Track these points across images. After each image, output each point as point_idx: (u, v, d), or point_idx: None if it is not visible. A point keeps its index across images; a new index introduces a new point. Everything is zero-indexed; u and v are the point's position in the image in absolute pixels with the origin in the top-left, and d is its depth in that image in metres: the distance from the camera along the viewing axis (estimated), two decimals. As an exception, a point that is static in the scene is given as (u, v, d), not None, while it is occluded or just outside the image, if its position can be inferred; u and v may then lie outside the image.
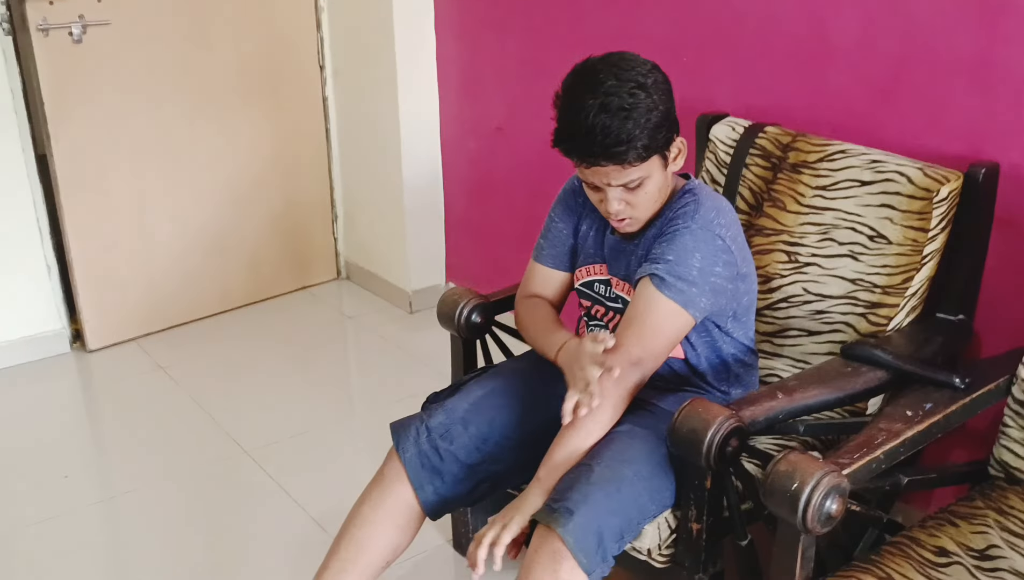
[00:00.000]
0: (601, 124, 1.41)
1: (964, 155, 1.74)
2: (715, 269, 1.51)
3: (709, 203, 1.54)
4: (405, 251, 3.20)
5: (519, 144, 2.82)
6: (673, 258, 1.49)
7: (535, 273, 1.75)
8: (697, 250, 1.50)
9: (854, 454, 1.28)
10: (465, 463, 1.59)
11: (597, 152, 1.43)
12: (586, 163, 1.47)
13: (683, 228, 1.51)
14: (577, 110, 1.43)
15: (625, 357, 1.48)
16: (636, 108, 1.42)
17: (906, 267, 1.68)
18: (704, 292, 1.50)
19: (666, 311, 1.49)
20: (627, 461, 1.43)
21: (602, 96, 1.42)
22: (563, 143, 1.48)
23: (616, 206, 1.51)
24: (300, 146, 3.31)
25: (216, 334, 3.12)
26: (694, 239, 1.50)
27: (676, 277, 1.49)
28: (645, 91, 1.44)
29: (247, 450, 2.43)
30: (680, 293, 1.48)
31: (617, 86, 1.43)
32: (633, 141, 1.42)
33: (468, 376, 1.73)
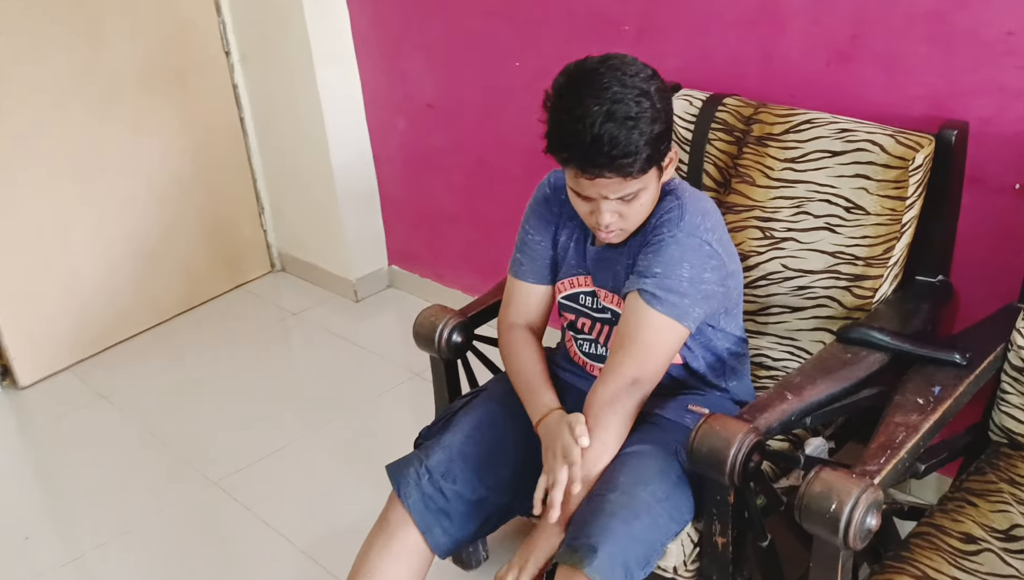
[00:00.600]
0: (608, 133, 1.32)
1: (930, 115, 1.72)
2: (704, 276, 1.46)
3: (693, 206, 1.48)
4: (343, 238, 3.07)
5: (452, 120, 2.70)
6: (661, 270, 1.44)
7: (517, 291, 1.67)
8: (685, 259, 1.44)
9: (880, 458, 1.27)
10: (471, 500, 1.53)
11: (603, 163, 1.35)
12: (589, 174, 1.38)
13: (668, 237, 1.45)
14: (580, 116, 1.33)
15: (622, 379, 1.44)
16: (642, 118, 1.34)
17: (886, 237, 1.66)
18: (696, 301, 1.45)
19: (660, 326, 1.44)
20: (642, 483, 1.39)
21: (608, 103, 1.33)
22: (563, 151, 1.38)
23: (608, 218, 1.44)
24: (215, 138, 3.11)
25: (155, 350, 2.96)
26: (680, 248, 1.44)
27: (667, 290, 1.43)
28: (649, 100, 1.36)
29: (215, 481, 2.32)
30: (672, 306, 1.43)
31: (623, 93, 1.34)
32: (639, 153, 1.35)
33: (458, 403, 1.66)
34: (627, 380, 1.44)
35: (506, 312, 1.68)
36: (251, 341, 2.98)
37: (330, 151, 2.93)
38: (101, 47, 2.76)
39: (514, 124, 2.52)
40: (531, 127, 2.48)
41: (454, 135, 2.71)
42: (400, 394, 2.63)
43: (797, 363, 1.77)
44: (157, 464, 2.41)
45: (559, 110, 1.38)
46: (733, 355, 1.62)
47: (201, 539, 2.14)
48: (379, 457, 2.34)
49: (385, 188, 3.05)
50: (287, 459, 2.39)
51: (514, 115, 2.51)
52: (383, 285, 3.20)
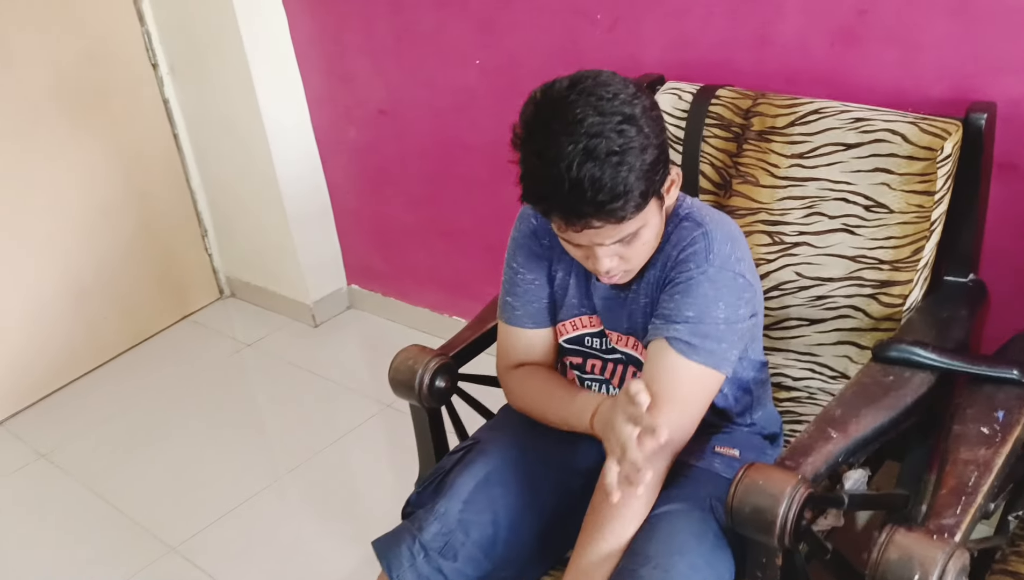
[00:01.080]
0: (589, 176, 1.10)
1: (953, 97, 1.55)
2: (739, 313, 1.26)
3: (719, 234, 1.27)
4: (296, 258, 2.83)
5: (408, 126, 2.47)
6: (694, 314, 1.23)
7: (514, 339, 1.44)
8: (720, 299, 1.24)
9: (955, 508, 1.09)
10: (475, 577, 1.32)
11: (589, 212, 1.13)
12: (575, 226, 1.16)
13: (699, 274, 1.24)
14: (554, 159, 1.11)
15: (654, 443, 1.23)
16: (628, 150, 1.12)
17: (914, 236, 1.48)
18: (733, 344, 1.26)
19: (696, 378, 1.25)
20: (677, 552, 1.19)
21: (584, 138, 1.11)
22: (541, 202, 1.16)
23: (608, 264, 1.22)
24: (148, 160, 2.85)
25: (98, 395, 2.70)
26: (714, 286, 1.24)
27: (702, 337, 1.23)
28: (635, 125, 1.13)
29: (174, 546, 2.08)
30: (710, 354, 1.23)
31: (600, 123, 1.11)
32: (631, 191, 1.13)
33: (450, 461, 1.44)
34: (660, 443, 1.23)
35: (504, 360, 1.46)
36: (203, 378, 2.73)
37: (275, 166, 2.69)
38: (9, 67, 2.48)
39: (477, 126, 2.31)
40: (496, 129, 2.28)
41: (411, 142, 2.49)
42: (371, 430, 2.41)
43: (820, 381, 1.59)
44: (108, 530, 2.16)
45: (529, 152, 1.16)
46: (758, 383, 1.43)
47: (161, 617, 1.91)
48: (354, 507, 2.14)
49: (339, 202, 2.82)
50: (251, 515, 2.15)
51: (476, 117, 2.30)
52: (343, 307, 2.97)
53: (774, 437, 1.49)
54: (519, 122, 1.18)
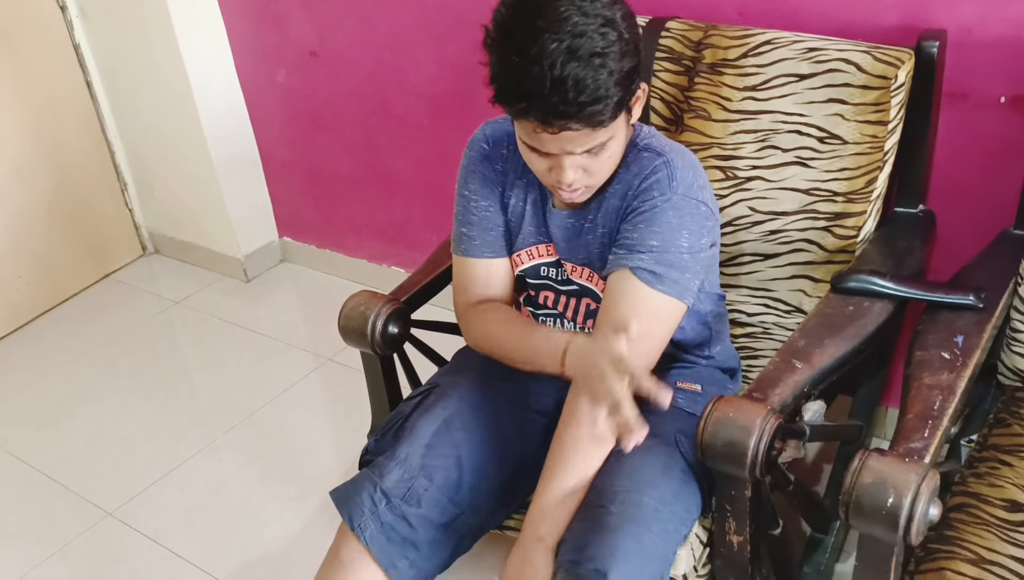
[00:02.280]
0: (573, 75, 1.06)
1: (904, 24, 1.54)
2: (702, 242, 1.24)
3: (681, 162, 1.24)
4: (224, 211, 2.72)
5: (342, 68, 2.37)
6: (659, 243, 1.20)
7: (471, 271, 1.39)
8: (684, 228, 1.21)
9: (923, 432, 1.09)
10: (440, 523, 1.28)
11: (570, 112, 1.09)
12: (552, 127, 1.12)
13: (663, 203, 1.21)
14: (536, 57, 1.07)
15: None
16: (610, 53, 1.08)
17: (868, 167, 1.48)
18: (696, 274, 1.24)
19: (660, 309, 1.22)
20: (645, 487, 1.18)
21: (569, 38, 1.07)
22: (519, 101, 1.11)
23: (572, 176, 1.18)
24: (60, 111, 2.68)
25: (16, 361, 2.56)
26: (678, 215, 1.21)
27: (667, 266, 1.20)
28: (616, 30, 1.10)
29: (111, 511, 1.99)
30: (674, 284, 1.21)
31: (584, 23, 1.07)
32: (610, 96, 1.09)
33: (407, 407, 1.39)
34: None
35: (463, 296, 1.41)
36: (129, 338, 2.61)
37: (199, 114, 2.56)
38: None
39: (417, 67, 2.23)
40: (437, 69, 2.20)
41: (346, 85, 2.39)
42: (310, 386, 2.34)
43: (775, 316, 1.59)
44: (39, 498, 2.05)
45: (508, 51, 1.11)
46: (716, 317, 1.42)
47: (102, 584, 1.83)
48: (297, 465, 2.08)
49: (267, 151, 2.70)
50: (190, 477, 2.07)
51: (416, 58, 2.21)
52: (275, 260, 2.87)
53: (733, 372, 1.48)
54: (493, 24, 1.13)
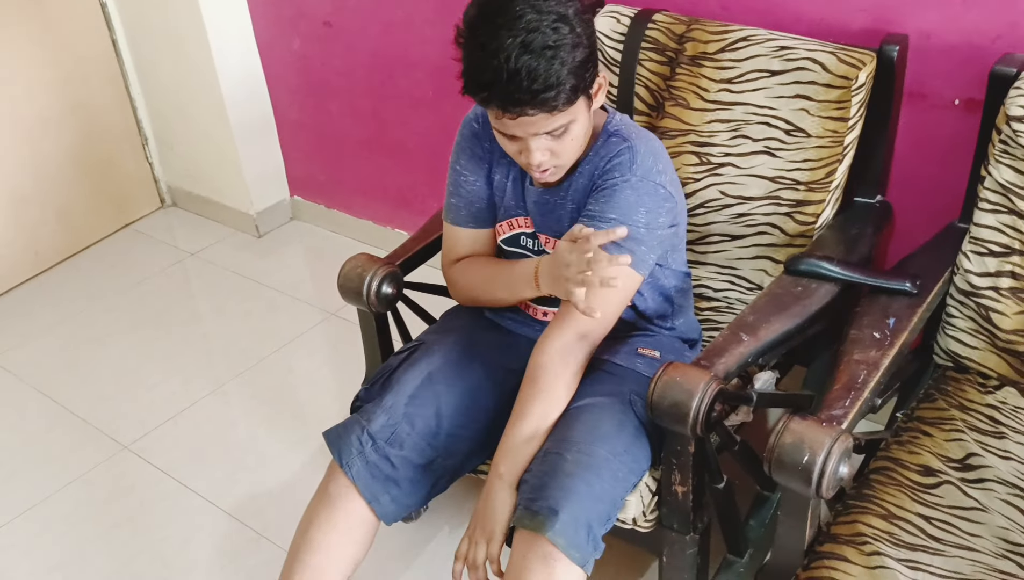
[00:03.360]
0: (526, 66, 1.20)
1: (870, 28, 1.65)
2: (659, 220, 1.38)
3: (644, 148, 1.38)
4: (239, 168, 2.86)
5: (354, 39, 2.50)
6: (616, 217, 1.34)
7: (457, 238, 1.55)
8: (641, 205, 1.35)
9: (844, 400, 1.23)
10: (420, 465, 1.44)
11: (525, 99, 1.23)
12: (511, 113, 1.26)
13: (622, 182, 1.35)
14: (494, 52, 1.21)
15: (572, 332, 1.36)
16: (562, 45, 1.22)
17: (828, 160, 1.61)
18: (652, 248, 1.38)
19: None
20: (599, 440, 1.33)
21: (523, 33, 1.21)
22: (481, 91, 1.26)
23: (539, 157, 1.33)
24: (86, 67, 2.82)
25: (40, 303, 2.73)
26: (636, 193, 1.35)
27: (623, 237, 1.35)
28: (568, 24, 1.23)
29: (126, 445, 2.17)
30: (630, 254, 1.35)
31: (538, 20, 1.21)
32: (563, 84, 1.23)
33: (396, 360, 1.54)
34: (578, 333, 1.36)
35: (449, 256, 1.58)
36: (146, 286, 2.77)
37: (218, 75, 2.69)
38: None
39: (424, 42, 2.35)
40: (442, 45, 2.32)
41: (357, 55, 2.52)
42: (314, 338, 2.50)
43: (739, 292, 1.73)
44: (60, 430, 2.23)
45: (472, 47, 1.26)
46: (679, 292, 1.56)
47: (119, 508, 2.00)
48: (300, 410, 2.25)
49: (281, 113, 2.84)
50: (200, 417, 2.24)
51: (423, 33, 2.34)
52: (286, 218, 3.02)
53: (693, 342, 1.62)
54: (463, 22, 1.28)
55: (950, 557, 1.19)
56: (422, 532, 1.86)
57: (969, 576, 1.15)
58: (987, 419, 1.39)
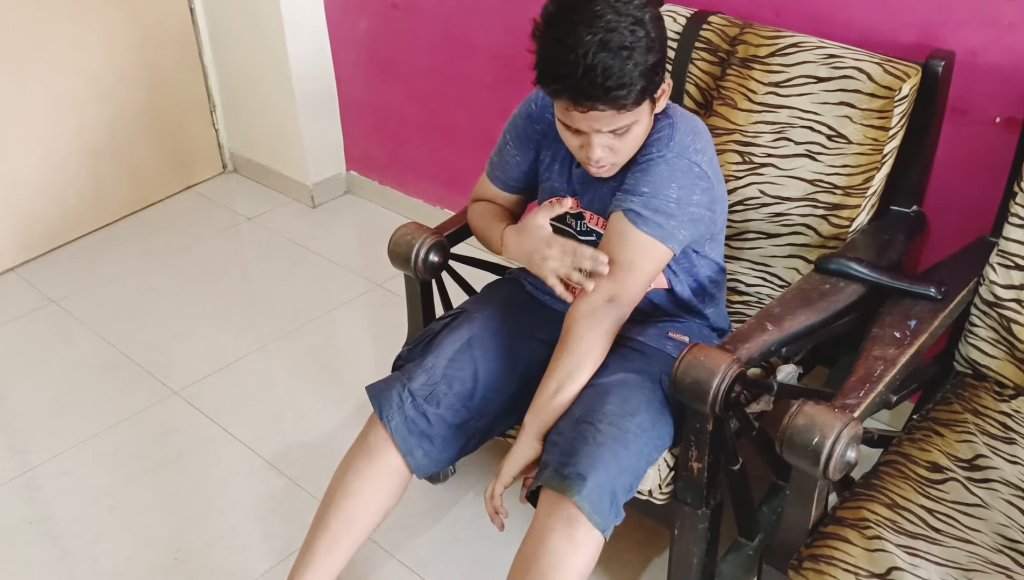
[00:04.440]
0: (602, 63, 1.28)
1: (918, 43, 1.70)
2: (693, 197, 1.44)
3: (684, 126, 1.45)
4: (299, 140, 2.97)
5: (419, 22, 2.59)
6: (649, 190, 1.42)
7: (487, 189, 1.71)
8: (673, 180, 1.42)
9: (859, 391, 1.30)
10: (453, 424, 1.53)
11: (597, 95, 1.30)
12: (581, 107, 1.33)
13: (658, 157, 1.42)
14: (572, 46, 1.28)
15: (599, 296, 1.44)
16: (637, 47, 1.29)
17: (867, 167, 1.66)
18: (683, 224, 1.44)
19: (642, 246, 1.43)
20: (629, 414, 1.40)
21: (601, 32, 1.28)
22: (555, 83, 1.33)
23: (599, 153, 1.40)
24: (164, 32, 2.95)
25: (103, 253, 2.87)
26: (670, 169, 1.42)
27: (653, 210, 1.42)
28: (644, 28, 1.31)
29: (175, 390, 2.29)
30: (658, 227, 1.42)
31: (617, 21, 1.29)
32: (634, 84, 1.30)
33: (438, 325, 1.63)
34: (604, 297, 1.43)
35: (475, 196, 1.74)
36: (203, 246, 2.90)
37: (288, 50, 2.80)
38: (38, -72, 2.57)
39: (485, 28, 2.44)
40: (503, 32, 2.41)
41: (420, 38, 2.61)
42: (359, 306, 2.60)
43: (770, 289, 1.79)
44: (114, 373, 2.36)
45: (549, 40, 1.33)
46: (713, 282, 1.63)
47: (166, 448, 2.12)
48: (340, 371, 2.35)
49: (344, 90, 2.95)
50: (246, 371, 2.35)
51: (486, 20, 2.42)
52: (341, 191, 3.13)
53: (723, 332, 1.69)
54: (541, 17, 1.35)
55: (948, 547, 1.24)
56: (448, 494, 1.95)
57: (965, 566, 1.21)
58: (999, 425, 1.44)
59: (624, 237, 1.44)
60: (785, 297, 1.52)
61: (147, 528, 1.91)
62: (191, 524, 1.91)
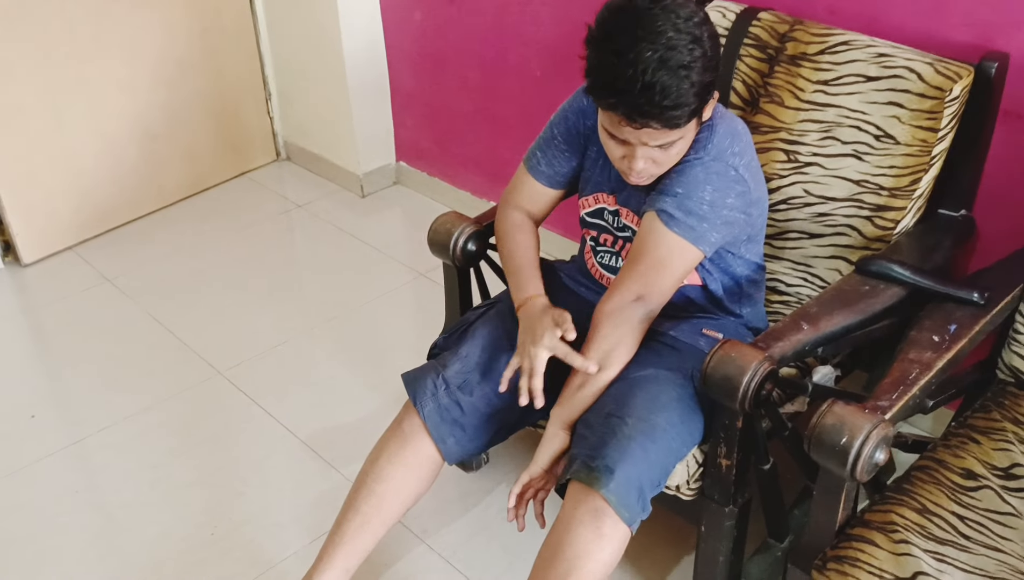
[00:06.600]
0: (660, 82, 1.26)
1: (972, 43, 1.67)
2: (727, 201, 1.43)
3: (723, 129, 1.44)
4: (351, 130, 3.01)
5: (471, 17, 2.61)
6: (683, 191, 1.41)
7: (526, 185, 1.65)
8: (708, 182, 1.41)
9: (892, 394, 1.28)
10: (485, 413, 1.54)
11: (653, 113, 1.29)
12: (635, 123, 1.32)
13: (695, 160, 1.42)
14: (632, 62, 1.26)
15: (627, 294, 1.44)
16: (694, 67, 1.28)
17: (914, 168, 1.63)
18: (715, 226, 1.43)
19: (672, 246, 1.43)
20: (658, 410, 1.40)
21: (662, 49, 1.26)
22: (610, 96, 1.30)
23: (641, 165, 1.39)
24: (223, 20, 3.02)
25: (157, 235, 2.94)
26: (705, 171, 1.41)
27: (686, 212, 1.41)
28: (702, 47, 1.29)
29: (220, 370, 2.34)
30: (690, 229, 1.41)
31: (677, 39, 1.27)
32: (689, 104, 1.29)
33: (473, 314, 1.65)
34: (632, 295, 1.43)
35: (511, 195, 1.67)
36: (254, 231, 2.95)
37: (342, 40, 2.84)
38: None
39: (537, 23, 2.45)
40: (554, 28, 2.42)
41: (473, 31, 2.63)
42: (403, 295, 2.63)
43: (810, 290, 1.77)
44: (162, 350, 2.42)
45: (608, 51, 1.30)
46: (751, 282, 1.61)
47: (208, 425, 2.17)
48: (380, 359, 2.38)
49: (396, 82, 2.98)
50: (290, 354, 2.40)
51: (537, 12, 2.43)
52: (390, 181, 3.16)
53: (758, 332, 1.67)
54: (597, 24, 1.33)
55: (977, 555, 1.22)
56: (480, 483, 1.97)
57: (993, 574, 1.19)
58: (1039, 435, 1.41)
59: (655, 236, 1.44)
60: (823, 297, 1.50)
61: (186, 503, 1.96)
62: (228, 501, 1.96)
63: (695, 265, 1.47)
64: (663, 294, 1.46)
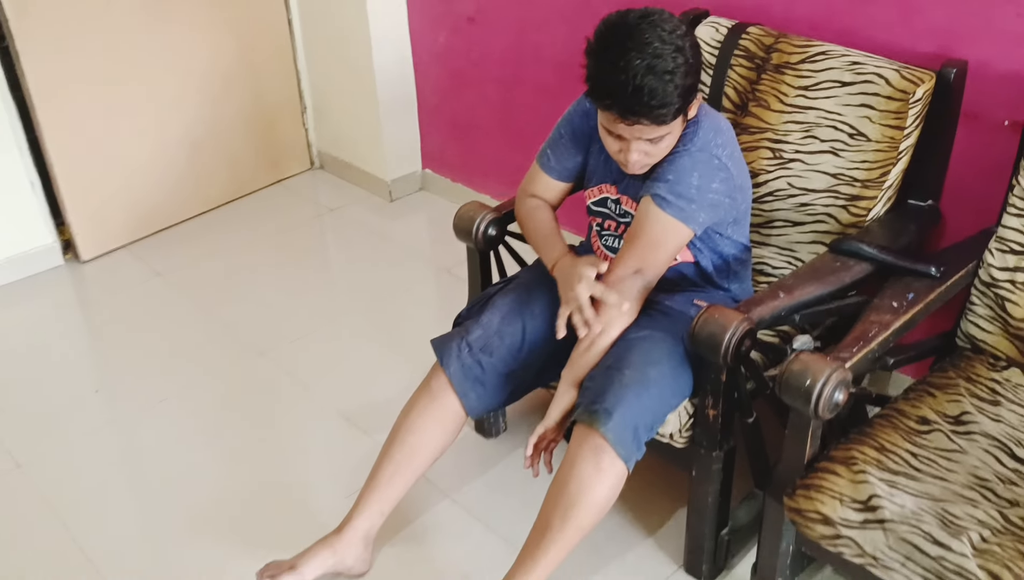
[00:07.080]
0: (648, 85, 1.49)
1: (935, 53, 1.89)
2: (712, 185, 1.65)
3: (707, 124, 1.66)
4: (380, 140, 3.26)
5: (491, 36, 2.86)
6: (673, 178, 1.63)
7: (538, 179, 1.88)
8: (695, 170, 1.63)
9: (853, 348, 1.49)
10: (503, 373, 1.77)
11: (642, 112, 1.51)
12: (628, 121, 1.54)
13: (683, 151, 1.64)
14: (623, 68, 1.49)
15: (626, 268, 1.66)
16: (678, 72, 1.50)
17: (883, 162, 1.85)
18: (703, 207, 1.65)
19: (666, 225, 1.64)
20: (652, 363, 1.62)
21: (649, 57, 1.49)
22: (606, 99, 1.54)
23: (636, 157, 1.61)
24: (264, 39, 3.28)
25: (203, 235, 3.19)
26: (693, 160, 1.63)
27: (676, 195, 1.63)
28: (684, 55, 1.52)
29: (262, 352, 2.57)
30: (680, 210, 1.63)
31: (662, 48, 1.49)
32: (673, 104, 1.52)
33: (493, 289, 1.88)
34: (631, 269, 1.65)
35: (527, 186, 1.91)
36: (290, 233, 3.20)
37: (373, 57, 3.09)
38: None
39: (552, 41, 2.68)
40: (568, 43, 2.65)
41: (492, 48, 2.87)
42: (427, 288, 2.86)
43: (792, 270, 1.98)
44: (209, 337, 2.66)
45: (603, 61, 1.53)
46: (738, 261, 1.83)
47: (251, 401, 2.40)
48: (412, 339, 2.60)
49: (423, 95, 3.23)
50: (324, 340, 2.63)
51: (552, 31, 2.67)
52: (416, 187, 3.40)
53: (746, 305, 1.88)
54: (594, 38, 1.56)
55: (925, 483, 1.42)
56: (498, 448, 2.18)
57: (937, 497, 1.39)
58: (988, 390, 1.61)
59: (651, 217, 1.66)
60: (799, 271, 1.72)
61: (235, 465, 2.19)
62: (273, 464, 2.18)
63: (686, 242, 1.69)
64: (658, 267, 1.67)
